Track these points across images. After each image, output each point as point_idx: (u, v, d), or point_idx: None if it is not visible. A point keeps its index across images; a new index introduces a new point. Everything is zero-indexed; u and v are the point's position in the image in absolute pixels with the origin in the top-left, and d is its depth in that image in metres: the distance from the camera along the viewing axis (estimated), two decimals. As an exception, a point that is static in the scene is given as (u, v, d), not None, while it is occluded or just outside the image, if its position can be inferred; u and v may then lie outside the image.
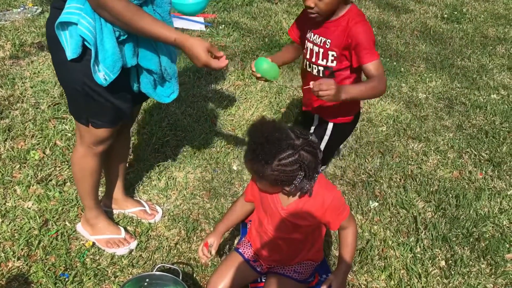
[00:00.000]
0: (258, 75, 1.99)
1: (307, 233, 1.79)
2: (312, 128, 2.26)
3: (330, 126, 2.20)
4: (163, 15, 1.84)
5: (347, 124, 2.24)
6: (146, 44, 1.82)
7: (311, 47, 2.02)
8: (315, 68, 2.04)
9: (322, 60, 1.99)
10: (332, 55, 1.95)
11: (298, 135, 1.53)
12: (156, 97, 2.03)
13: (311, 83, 1.73)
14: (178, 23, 4.64)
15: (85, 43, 1.71)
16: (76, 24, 1.67)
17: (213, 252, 1.89)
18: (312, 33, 2.01)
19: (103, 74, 1.76)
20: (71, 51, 1.72)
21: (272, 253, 1.87)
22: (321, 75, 2.03)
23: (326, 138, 2.23)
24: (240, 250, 1.95)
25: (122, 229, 2.40)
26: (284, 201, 1.72)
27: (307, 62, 2.08)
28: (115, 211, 2.56)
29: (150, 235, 2.46)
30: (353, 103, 2.14)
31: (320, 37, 1.97)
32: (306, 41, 2.05)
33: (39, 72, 3.74)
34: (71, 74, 1.83)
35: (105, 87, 1.81)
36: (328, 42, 1.94)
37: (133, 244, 2.37)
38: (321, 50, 1.97)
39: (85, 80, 1.80)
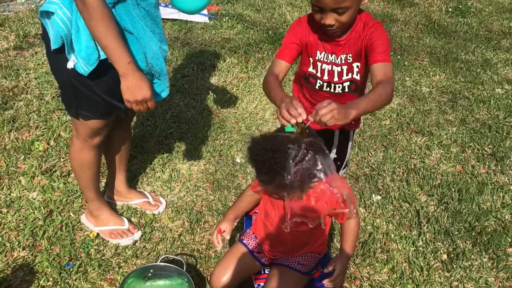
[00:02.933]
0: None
1: (313, 226, 1.79)
2: (335, 146, 2.16)
3: (351, 134, 2.18)
4: (148, 9, 1.80)
5: (359, 120, 2.22)
6: (130, 38, 1.79)
7: (330, 68, 1.86)
8: (339, 87, 1.91)
9: (347, 75, 1.87)
10: (357, 66, 1.84)
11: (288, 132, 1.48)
12: None
13: (310, 117, 1.47)
14: (182, 15, 4.63)
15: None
16: (54, 14, 1.67)
17: (227, 237, 1.93)
18: (328, 54, 1.84)
19: (81, 65, 1.74)
20: (52, 42, 1.72)
21: (277, 245, 1.88)
22: (346, 90, 1.91)
23: (350, 144, 2.21)
24: (244, 241, 1.96)
25: (126, 220, 2.41)
26: None
27: (325, 84, 1.92)
28: (119, 203, 2.57)
29: (154, 227, 2.47)
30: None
31: (340, 56, 1.83)
32: (320, 63, 1.87)
33: (43, 63, 3.74)
34: (58, 64, 1.83)
35: (90, 79, 1.80)
36: (350, 56, 1.82)
37: (137, 234, 2.39)
38: (345, 67, 1.85)
39: (69, 71, 1.78)
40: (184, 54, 4.09)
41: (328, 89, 1.93)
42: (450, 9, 5.68)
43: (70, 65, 1.75)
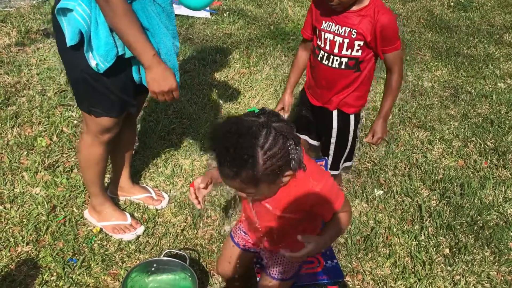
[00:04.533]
0: None
1: (295, 224, 1.60)
2: (335, 128, 2.16)
3: (352, 117, 2.15)
4: (164, 5, 1.82)
5: (361, 109, 2.21)
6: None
7: (332, 38, 1.93)
8: (336, 60, 1.97)
9: (347, 51, 1.93)
10: (358, 45, 1.90)
11: (255, 114, 1.33)
12: None
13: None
14: (183, 10, 4.63)
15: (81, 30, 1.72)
16: (73, 10, 1.68)
17: (203, 191, 1.65)
18: (332, 23, 1.93)
19: (96, 62, 1.76)
20: (69, 38, 1.73)
21: (260, 239, 1.77)
22: (343, 67, 1.97)
23: (351, 131, 2.19)
24: (232, 235, 1.90)
25: (128, 215, 2.42)
26: None
27: (326, 54, 1.99)
28: (121, 198, 2.58)
29: (157, 222, 2.48)
30: (364, 85, 2.07)
31: (344, 27, 1.89)
32: (323, 32, 1.96)
33: (45, 59, 3.75)
34: (72, 61, 1.85)
35: (106, 76, 1.82)
36: (354, 31, 1.88)
37: (140, 229, 2.40)
38: (346, 41, 1.90)
39: (84, 68, 1.80)
40: (186, 50, 4.09)
41: (326, 62, 1.99)
42: (452, 3, 5.66)
43: (93, 63, 1.77)
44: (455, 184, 2.88)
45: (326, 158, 2.20)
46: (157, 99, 1.83)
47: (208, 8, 4.86)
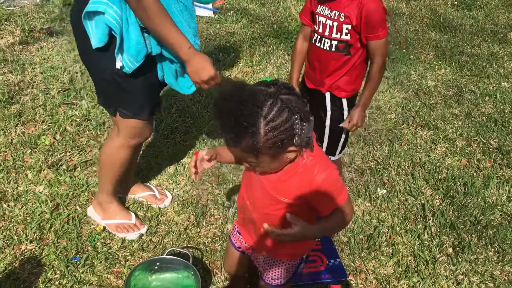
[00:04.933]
0: None
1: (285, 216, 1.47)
2: (328, 111, 2.20)
3: (345, 102, 2.19)
4: (187, 4, 1.85)
5: (356, 95, 2.23)
6: None
7: (324, 21, 2.02)
8: (327, 43, 2.04)
9: (337, 34, 2.01)
10: (346, 29, 1.97)
11: (266, 84, 1.26)
12: (178, 88, 2.05)
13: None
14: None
15: (112, 32, 1.74)
16: (103, 13, 1.69)
17: (207, 164, 1.60)
18: (325, 7, 2.01)
19: (126, 62, 1.79)
20: (97, 40, 1.75)
21: (249, 236, 1.71)
22: (333, 49, 2.04)
23: (345, 116, 2.22)
24: (231, 238, 1.86)
25: (133, 214, 2.42)
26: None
27: (318, 37, 2.08)
28: (126, 196, 2.58)
29: (160, 220, 2.49)
30: (355, 69, 2.10)
31: (334, 11, 1.98)
32: (318, 16, 2.05)
33: (48, 57, 3.76)
34: (99, 63, 1.86)
35: (134, 77, 1.85)
36: (343, 15, 1.95)
37: (143, 229, 2.40)
38: (335, 24, 1.98)
39: (113, 69, 1.82)
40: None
41: (319, 44, 2.07)
42: (456, 2, 5.65)
43: (118, 65, 1.80)
44: (459, 183, 2.88)
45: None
46: (200, 87, 1.89)
47: (211, 7, 4.86)
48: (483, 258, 2.42)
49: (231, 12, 4.87)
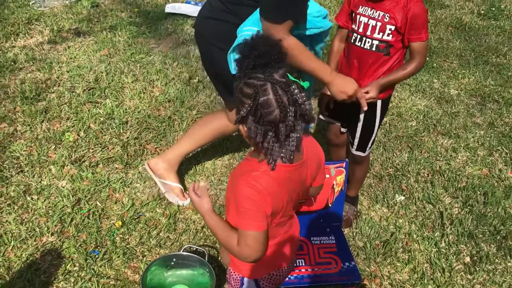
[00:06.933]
0: None
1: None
2: (362, 111, 2.20)
3: (379, 104, 2.22)
4: (317, 50, 2.16)
5: (389, 96, 2.28)
6: None
7: (366, 21, 2.07)
8: (368, 42, 2.09)
9: (379, 34, 2.05)
10: (390, 29, 2.02)
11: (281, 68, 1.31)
12: None
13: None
14: (191, 9, 4.63)
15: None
16: None
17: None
18: (368, 8, 2.06)
19: None
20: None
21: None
22: (374, 49, 2.09)
23: (378, 118, 2.26)
24: None
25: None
26: None
27: (359, 36, 2.12)
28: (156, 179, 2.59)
29: (178, 218, 2.52)
30: (393, 70, 2.15)
31: (378, 11, 2.03)
32: (359, 15, 2.09)
33: (75, 57, 3.85)
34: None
35: None
36: (387, 16, 2.01)
37: (187, 201, 2.59)
38: (379, 24, 2.03)
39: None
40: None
41: (359, 43, 2.12)
42: (482, 11, 5.58)
43: None
44: (479, 192, 2.84)
45: (347, 160, 2.21)
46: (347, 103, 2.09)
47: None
48: (501, 269, 2.39)
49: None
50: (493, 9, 5.65)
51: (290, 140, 1.30)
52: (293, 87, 1.27)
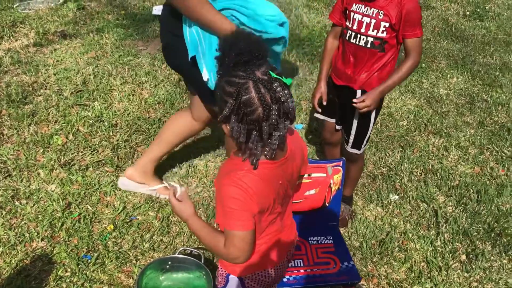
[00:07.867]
0: None
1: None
2: (357, 110, 2.22)
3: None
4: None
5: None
6: None
7: (360, 18, 2.07)
8: (363, 39, 2.09)
9: (373, 31, 2.06)
10: (384, 26, 2.03)
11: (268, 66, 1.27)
12: None
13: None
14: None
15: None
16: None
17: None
18: (362, 5, 2.07)
19: (208, 77, 2.03)
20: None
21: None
22: (369, 46, 2.09)
23: (373, 114, 2.25)
24: None
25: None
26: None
27: (353, 33, 2.12)
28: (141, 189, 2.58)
29: (171, 221, 2.48)
30: (387, 67, 2.16)
31: (372, 9, 2.03)
32: (353, 13, 2.10)
33: (62, 60, 3.78)
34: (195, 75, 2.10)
35: None
36: (382, 13, 2.01)
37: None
38: (373, 21, 2.04)
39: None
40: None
41: (354, 40, 2.12)
42: (467, 12, 5.64)
43: (205, 77, 2.00)
44: (472, 190, 2.85)
45: (344, 159, 2.19)
46: None
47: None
48: (497, 266, 2.39)
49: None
50: (478, 10, 5.72)
51: (273, 139, 1.27)
52: (276, 84, 1.24)
